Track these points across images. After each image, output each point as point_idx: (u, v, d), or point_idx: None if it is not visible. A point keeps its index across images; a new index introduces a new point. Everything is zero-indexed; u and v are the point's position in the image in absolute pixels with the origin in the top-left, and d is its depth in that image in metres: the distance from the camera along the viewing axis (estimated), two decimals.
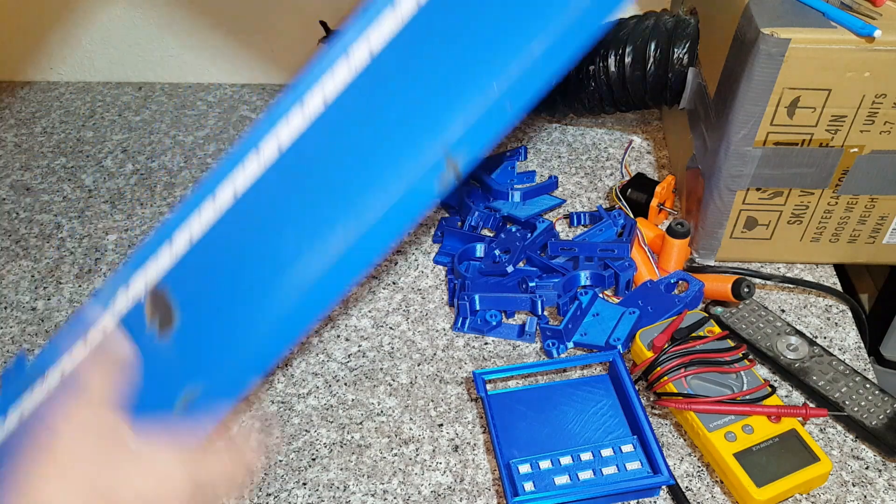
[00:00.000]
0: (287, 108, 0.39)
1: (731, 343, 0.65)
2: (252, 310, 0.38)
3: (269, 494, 0.61)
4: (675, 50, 0.78)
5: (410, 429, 0.65)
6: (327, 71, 0.38)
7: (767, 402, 0.61)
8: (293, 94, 0.39)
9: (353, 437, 0.64)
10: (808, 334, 0.70)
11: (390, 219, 0.37)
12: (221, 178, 0.40)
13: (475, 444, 0.63)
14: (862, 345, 0.70)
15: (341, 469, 0.62)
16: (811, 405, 0.64)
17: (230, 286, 0.39)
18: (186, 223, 0.40)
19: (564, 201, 0.84)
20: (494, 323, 0.71)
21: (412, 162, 0.36)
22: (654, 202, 0.79)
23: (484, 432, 0.64)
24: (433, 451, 0.63)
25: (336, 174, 0.38)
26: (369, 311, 0.74)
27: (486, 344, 0.71)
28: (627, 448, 0.60)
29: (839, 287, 0.75)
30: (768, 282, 0.74)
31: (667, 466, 0.58)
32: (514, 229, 0.79)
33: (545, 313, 0.71)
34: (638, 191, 0.80)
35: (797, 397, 0.66)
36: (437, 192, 0.37)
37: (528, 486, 0.58)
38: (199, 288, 0.40)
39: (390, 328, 0.73)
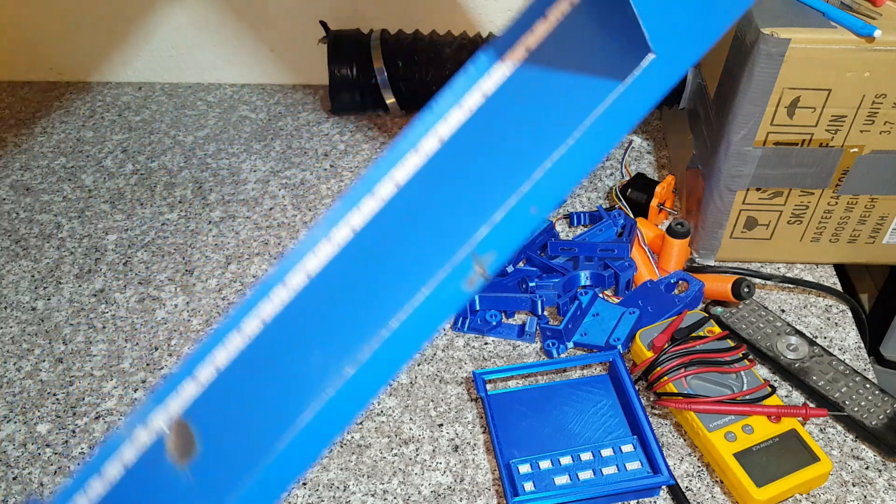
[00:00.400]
0: (313, 243, 0.40)
1: (731, 343, 0.65)
2: (274, 434, 0.37)
3: None
4: None
5: (410, 429, 0.65)
6: (353, 207, 0.40)
7: (767, 402, 0.61)
8: (320, 230, 0.40)
9: (353, 437, 0.64)
10: (808, 334, 0.70)
11: (416, 324, 0.36)
12: (247, 310, 0.40)
13: (475, 444, 0.63)
14: (862, 345, 0.70)
15: (341, 469, 0.62)
16: (811, 405, 0.64)
17: (254, 413, 0.38)
18: (211, 355, 0.40)
19: (564, 201, 0.84)
20: (494, 323, 0.71)
21: (439, 265, 0.36)
22: (654, 202, 0.79)
23: (484, 432, 0.64)
24: (433, 451, 0.63)
25: (360, 290, 0.38)
26: None
27: (486, 344, 0.71)
28: (627, 448, 0.60)
29: (839, 287, 0.75)
30: (768, 282, 0.74)
31: (667, 466, 0.58)
32: None
33: (545, 313, 0.71)
34: (638, 191, 0.80)
35: (797, 397, 0.66)
36: (466, 294, 0.36)
37: (528, 486, 0.58)
38: (221, 417, 0.39)
39: None
